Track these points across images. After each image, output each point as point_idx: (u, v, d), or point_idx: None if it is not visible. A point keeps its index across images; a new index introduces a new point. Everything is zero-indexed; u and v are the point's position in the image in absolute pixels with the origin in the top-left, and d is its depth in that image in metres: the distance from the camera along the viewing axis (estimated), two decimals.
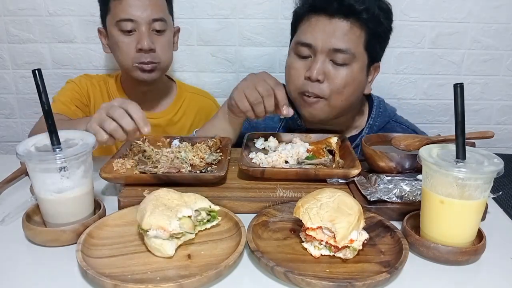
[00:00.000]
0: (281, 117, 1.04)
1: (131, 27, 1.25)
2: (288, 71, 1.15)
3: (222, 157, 1.01)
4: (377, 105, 1.26)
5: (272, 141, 1.09)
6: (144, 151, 1.00)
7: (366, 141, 1.00)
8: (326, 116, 1.14)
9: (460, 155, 0.71)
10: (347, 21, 1.05)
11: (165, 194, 0.73)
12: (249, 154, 1.03)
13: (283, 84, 1.09)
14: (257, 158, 1.00)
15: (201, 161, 0.99)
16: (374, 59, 1.14)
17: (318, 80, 1.07)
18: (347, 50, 1.06)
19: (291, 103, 1.14)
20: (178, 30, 1.44)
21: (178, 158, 0.98)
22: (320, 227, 0.69)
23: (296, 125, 1.27)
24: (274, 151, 1.04)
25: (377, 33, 1.09)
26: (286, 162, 0.99)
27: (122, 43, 1.27)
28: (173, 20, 1.39)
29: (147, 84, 1.36)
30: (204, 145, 1.07)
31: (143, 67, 1.28)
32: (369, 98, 1.29)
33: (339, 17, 1.05)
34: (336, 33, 1.06)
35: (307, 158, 0.99)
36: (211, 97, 1.61)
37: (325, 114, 1.14)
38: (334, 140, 1.07)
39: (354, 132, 1.25)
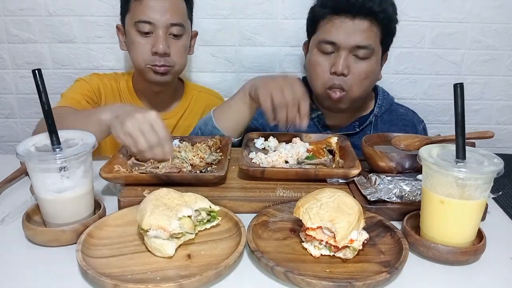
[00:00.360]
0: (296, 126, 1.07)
1: (148, 29, 1.27)
2: (313, 67, 1.25)
3: (222, 157, 1.01)
4: (381, 89, 1.42)
5: (272, 141, 1.09)
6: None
7: (366, 141, 1.00)
8: (347, 106, 1.28)
9: (460, 155, 0.71)
10: (366, 21, 1.18)
11: (165, 194, 0.73)
12: (249, 154, 1.03)
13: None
14: (257, 158, 1.00)
15: (201, 161, 0.99)
16: (385, 50, 1.29)
17: (342, 74, 1.19)
18: (368, 46, 1.18)
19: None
20: (196, 34, 1.45)
21: (178, 158, 0.98)
22: (320, 227, 0.69)
23: (312, 109, 1.30)
24: (274, 151, 1.04)
25: (390, 28, 1.24)
26: (286, 162, 0.99)
27: (138, 44, 1.29)
28: (191, 25, 1.40)
29: (159, 85, 1.36)
30: (204, 145, 1.07)
31: (156, 69, 1.29)
32: None
33: (360, 18, 1.17)
34: (357, 31, 1.18)
35: (307, 158, 0.99)
36: (218, 95, 1.62)
37: (347, 104, 1.27)
38: (334, 140, 1.07)
39: (365, 113, 1.38)
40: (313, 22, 1.27)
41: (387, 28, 1.22)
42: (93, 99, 1.37)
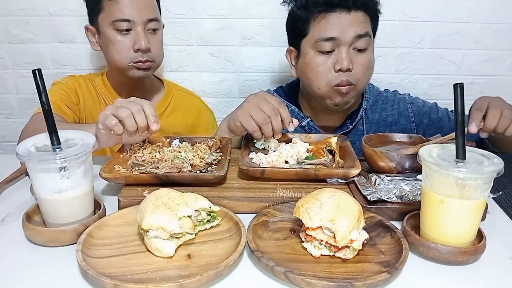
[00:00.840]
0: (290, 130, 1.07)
1: (127, 26, 1.26)
2: (314, 70, 1.21)
3: (222, 157, 1.01)
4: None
5: (272, 141, 1.09)
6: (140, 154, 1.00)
7: (366, 141, 1.00)
8: (353, 101, 1.26)
9: (460, 155, 0.71)
10: (361, 11, 1.19)
11: (165, 194, 0.73)
12: (249, 154, 1.03)
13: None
14: (257, 158, 1.00)
15: (201, 161, 0.99)
16: (373, 37, 1.27)
17: (348, 69, 1.18)
18: (367, 33, 1.19)
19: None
20: (163, 26, 1.45)
21: (178, 158, 0.98)
22: (320, 227, 0.69)
23: (300, 117, 1.33)
24: (274, 151, 1.04)
25: (375, 16, 1.24)
26: (286, 162, 0.99)
27: (118, 43, 1.28)
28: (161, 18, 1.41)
29: (136, 81, 1.36)
30: (204, 145, 1.07)
31: (139, 65, 1.30)
32: None
33: (355, 10, 1.18)
34: (355, 23, 1.17)
35: (307, 158, 0.99)
36: (197, 96, 1.62)
37: (354, 98, 1.26)
38: (334, 140, 1.07)
39: (354, 108, 1.35)
40: (300, 25, 1.22)
41: (374, 16, 1.24)
42: (72, 100, 1.37)
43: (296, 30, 1.24)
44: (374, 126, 1.34)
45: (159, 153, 1.01)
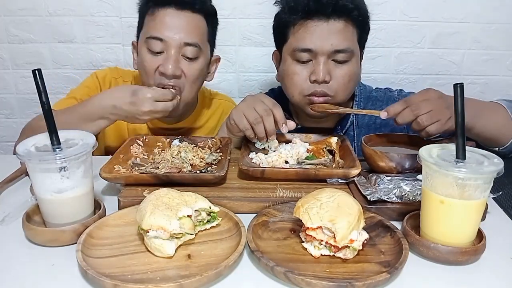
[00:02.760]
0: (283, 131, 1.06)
1: (160, 48, 1.14)
2: (290, 77, 1.16)
3: (222, 157, 1.01)
4: (357, 86, 1.32)
5: (272, 141, 1.09)
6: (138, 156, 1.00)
7: (366, 141, 1.00)
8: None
9: (460, 155, 0.71)
10: (341, 21, 1.10)
11: (165, 194, 0.73)
12: (249, 154, 1.03)
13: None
14: (257, 158, 1.00)
15: (201, 161, 0.99)
16: (362, 48, 1.21)
17: (324, 81, 1.11)
18: (347, 49, 1.11)
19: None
20: (218, 59, 1.32)
21: (178, 158, 0.98)
22: (320, 227, 0.69)
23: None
24: (274, 151, 1.04)
25: (365, 27, 1.17)
26: (286, 162, 0.99)
27: (146, 62, 1.15)
28: (213, 50, 1.28)
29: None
30: (204, 145, 1.07)
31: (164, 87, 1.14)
32: None
33: (334, 18, 1.09)
34: (334, 34, 1.09)
35: (307, 158, 0.99)
36: (229, 99, 1.56)
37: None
38: (334, 140, 1.07)
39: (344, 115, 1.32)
40: (282, 30, 1.16)
41: (362, 26, 1.15)
42: None
43: (279, 35, 1.20)
44: (364, 130, 1.29)
45: (159, 153, 1.01)
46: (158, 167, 0.93)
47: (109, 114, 1.05)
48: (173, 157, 0.99)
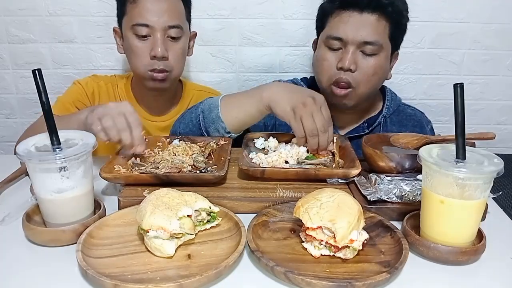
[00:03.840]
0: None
1: (146, 32, 1.23)
2: (320, 63, 1.23)
3: (210, 161, 1.00)
4: (389, 90, 1.39)
5: (272, 141, 1.09)
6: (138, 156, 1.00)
7: (366, 141, 1.00)
8: (354, 103, 1.24)
9: (460, 155, 0.71)
10: (374, 15, 1.16)
11: (165, 194, 0.73)
12: (249, 154, 1.03)
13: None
14: (257, 158, 1.00)
15: (195, 163, 0.98)
16: (396, 47, 1.25)
17: (349, 70, 1.17)
18: (376, 42, 1.16)
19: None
20: (195, 35, 1.42)
21: (177, 158, 0.98)
22: (320, 227, 0.69)
23: None
24: (274, 151, 1.04)
25: (399, 24, 1.21)
26: (286, 162, 0.99)
27: (136, 48, 1.25)
28: (190, 26, 1.37)
29: (158, 91, 1.34)
30: (204, 145, 1.07)
31: (154, 75, 1.26)
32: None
33: (368, 11, 1.15)
34: (365, 26, 1.16)
35: (307, 158, 0.99)
36: (217, 93, 1.59)
37: (354, 101, 1.23)
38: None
39: (373, 114, 1.35)
40: (322, 18, 1.25)
41: (396, 23, 1.19)
42: (85, 104, 1.36)
43: (319, 23, 1.27)
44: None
45: (158, 153, 1.01)
46: (158, 167, 0.93)
47: None
48: (172, 157, 0.99)
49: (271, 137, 1.11)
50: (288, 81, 1.44)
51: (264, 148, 1.09)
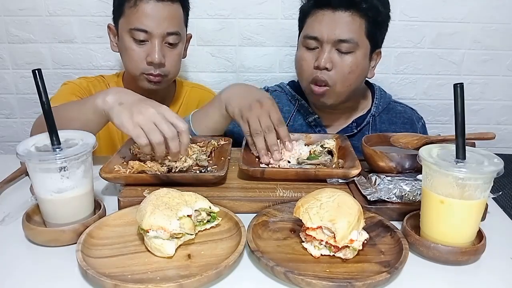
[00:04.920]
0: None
1: (144, 37, 1.22)
2: (299, 63, 1.25)
3: (210, 161, 1.00)
4: (378, 89, 1.40)
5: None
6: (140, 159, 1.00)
7: (366, 141, 1.00)
8: (333, 102, 1.25)
9: (460, 155, 0.71)
10: (348, 12, 1.16)
11: (165, 194, 0.73)
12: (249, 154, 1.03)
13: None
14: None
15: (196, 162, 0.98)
16: (376, 46, 1.24)
17: (326, 68, 1.18)
18: (351, 39, 1.16)
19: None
20: (190, 37, 1.42)
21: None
22: (320, 227, 0.69)
23: (308, 112, 1.35)
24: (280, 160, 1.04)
25: (376, 21, 1.20)
26: (288, 161, 0.99)
27: (132, 51, 1.24)
28: (186, 29, 1.37)
29: (149, 91, 1.31)
30: (204, 145, 1.07)
31: (150, 78, 1.26)
32: (369, 84, 1.42)
33: (341, 10, 1.16)
34: (339, 24, 1.16)
35: (308, 158, 0.99)
36: (210, 90, 1.61)
37: (332, 100, 1.25)
38: (330, 142, 1.06)
39: (361, 113, 1.36)
40: (302, 19, 1.26)
41: (373, 20, 1.19)
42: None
43: (299, 25, 1.29)
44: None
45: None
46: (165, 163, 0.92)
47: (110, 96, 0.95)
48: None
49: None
50: (275, 86, 1.46)
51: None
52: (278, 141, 1.01)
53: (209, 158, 1.01)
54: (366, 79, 1.31)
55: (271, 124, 1.00)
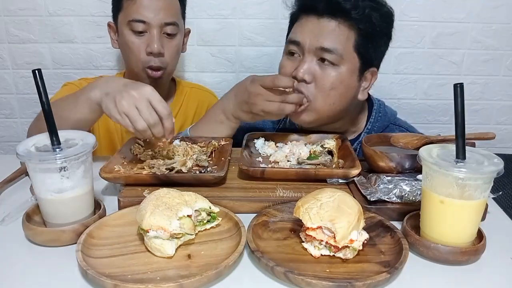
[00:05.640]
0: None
1: (142, 28, 1.25)
2: (279, 71, 1.15)
3: (211, 161, 1.00)
4: (376, 109, 1.22)
5: (269, 146, 1.08)
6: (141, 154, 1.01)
7: (366, 141, 1.00)
8: (312, 121, 1.10)
9: (460, 155, 0.71)
10: (335, 21, 1.04)
11: (165, 194, 0.73)
12: (249, 155, 1.03)
13: None
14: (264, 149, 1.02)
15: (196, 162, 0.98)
16: (368, 64, 1.09)
17: (304, 80, 1.05)
18: (334, 50, 1.03)
19: None
20: (189, 32, 1.44)
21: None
22: (320, 227, 0.69)
23: (294, 127, 1.24)
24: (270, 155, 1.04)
25: (368, 34, 1.05)
26: (288, 161, 1.00)
27: (132, 44, 1.27)
28: (184, 23, 1.40)
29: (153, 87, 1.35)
30: (205, 145, 1.07)
31: (149, 72, 1.29)
32: (369, 101, 1.25)
33: (328, 17, 1.04)
34: (323, 32, 1.04)
35: (308, 158, 0.99)
36: (210, 91, 1.63)
37: (311, 118, 1.09)
38: (330, 142, 1.06)
39: (352, 136, 1.22)
40: (290, 26, 1.16)
41: (364, 34, 1.04)
42: None
43: (288, 31, 1.19)
44: None
45: (158, 153, 1.01)
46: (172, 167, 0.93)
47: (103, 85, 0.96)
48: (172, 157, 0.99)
49: (267, 142, 1.10)
50: None
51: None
52: None
53: (209, 159, 1.01)
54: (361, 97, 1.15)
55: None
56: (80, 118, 0.97)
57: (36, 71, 0.73)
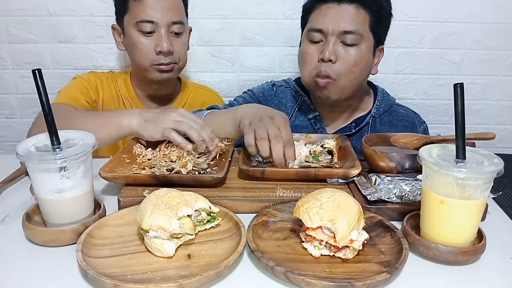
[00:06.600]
0: None
1: (150, 28, 1.27)
2: (302, 56, 1.25)
3: (210, 163, 1.00)
4: (381, 90, 1.40)
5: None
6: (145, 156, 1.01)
7: (366, 141, 1.00)
8: (337, 97, 1.24)
9: (460, 155, 0.71)
10: (353, 5, 1.17)
11: (165, 193, 0.73)
12: (249, 155, 1.03)
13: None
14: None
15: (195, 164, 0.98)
16: (379, 41, 1.25)
17: (330, 61, 1.18)
18: (355, 31, 1.17)
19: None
20: (190, 30, 1.46)
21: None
22: (320, 227, 0.69)
23: (309, 109, 1.36)
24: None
25: (379, 16, 1.21)
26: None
27: (141, 44, 1.29)
28: (187, 21, 1.41)
29: (160, 83, 1.38)
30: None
31: (161, 68, 1.31)
32: (372, 85, 1.42)
33: (346, 2, 1.17)
34: (344, 17, 1.17)
35: (310, 158, 0.99)
36: (215, 92, 1.64)
37: (337, 94, 1.23)
38: (330, 142, 1.06)
39: (362, 113, 1.35)
40: (305, 16, 1.27)
41: (376, 15, 1.20)
42: (91, 97, 1.37)
43: (302, 21, 1.29)
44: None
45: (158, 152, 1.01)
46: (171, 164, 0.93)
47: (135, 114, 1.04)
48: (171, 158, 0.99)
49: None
50: (282, 81, 1.47)
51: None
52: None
53: (211, 161, 1.01)
54: (370, 75, 1.31)
55: (280, 135, 0.95)
56: (104, 139, 1.03)
57: (36, 71, 0.73)
